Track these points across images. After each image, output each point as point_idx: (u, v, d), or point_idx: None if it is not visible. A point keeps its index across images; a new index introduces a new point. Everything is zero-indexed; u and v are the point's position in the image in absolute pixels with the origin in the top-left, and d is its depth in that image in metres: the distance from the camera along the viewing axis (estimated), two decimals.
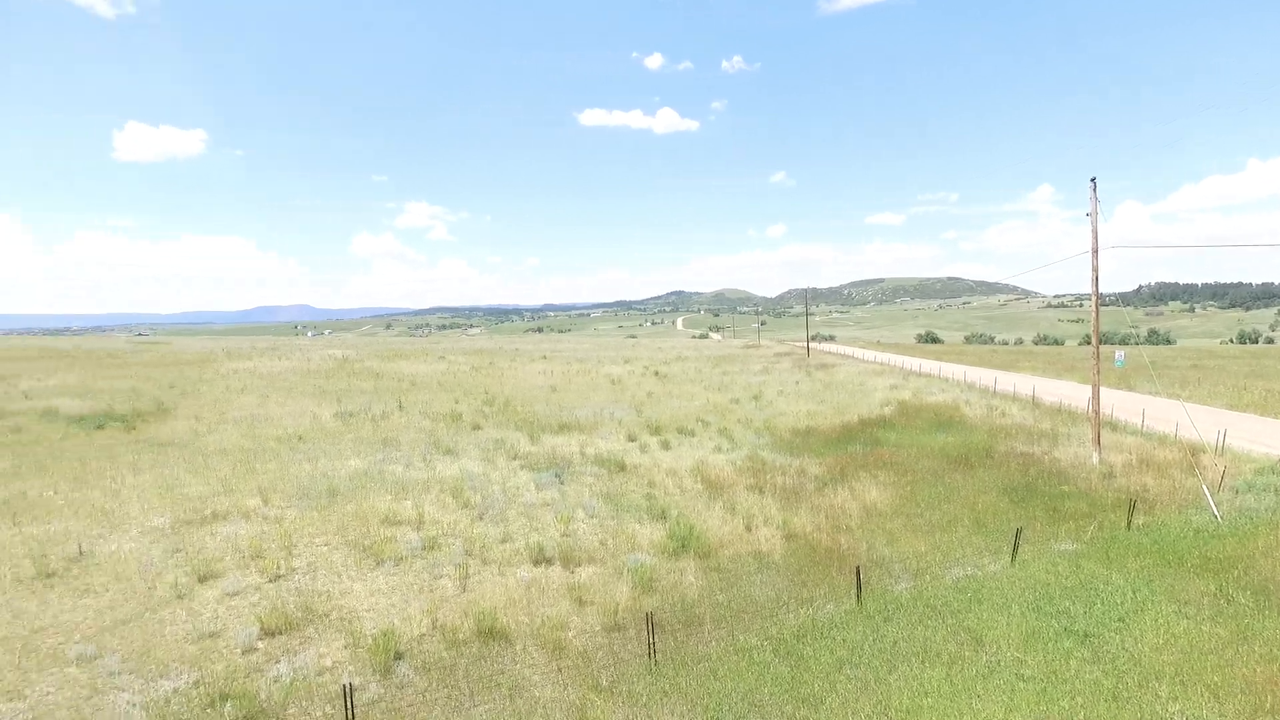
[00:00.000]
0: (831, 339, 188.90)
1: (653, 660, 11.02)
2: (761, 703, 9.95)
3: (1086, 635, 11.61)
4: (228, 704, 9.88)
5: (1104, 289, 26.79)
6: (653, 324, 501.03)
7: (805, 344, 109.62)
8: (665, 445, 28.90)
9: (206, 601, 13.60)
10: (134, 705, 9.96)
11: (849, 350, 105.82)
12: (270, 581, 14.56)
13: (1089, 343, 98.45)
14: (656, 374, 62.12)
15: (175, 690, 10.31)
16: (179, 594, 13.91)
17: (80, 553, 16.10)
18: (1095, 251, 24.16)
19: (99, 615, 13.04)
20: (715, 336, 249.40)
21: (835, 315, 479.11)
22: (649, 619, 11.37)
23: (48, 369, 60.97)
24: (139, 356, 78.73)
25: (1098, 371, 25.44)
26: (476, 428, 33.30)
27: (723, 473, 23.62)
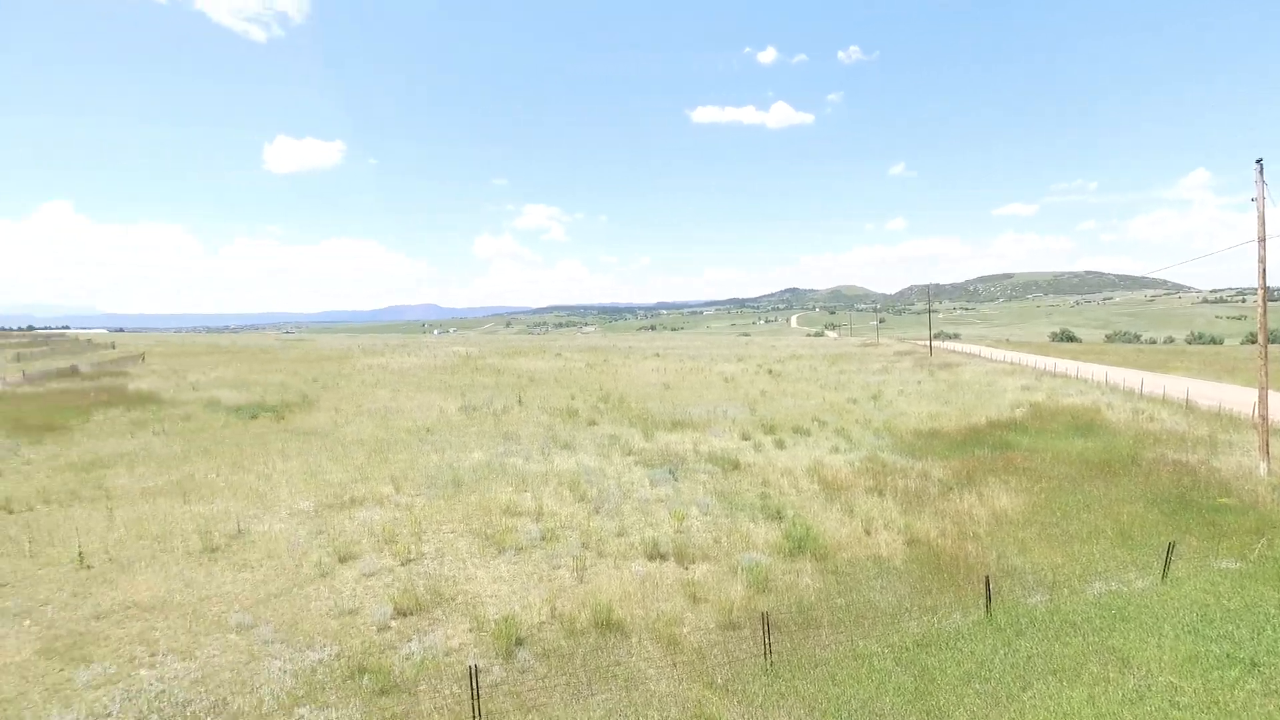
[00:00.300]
0: (955, 337, 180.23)
1: (768, 661, 10.91)
2: (882, 712, 9.64)
3: (1254, 664, 10.53)
4: (365, 677, 10.56)
5: (1272, 282, 24.22)
6: (766, 322, 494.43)
7: (927, 342, 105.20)
8: (780, 444, 28.49)
9: (346, 580, 14.58)
10: (285, 672, 10.82)
11: (975, 349, 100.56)
12: (402, 565, 15.43)
13: (1253, 341, 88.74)
14: (770, 372, 61.30)
15: (320, 661, 11.12)
16: (322, 572, 14.99)
17: (238, 531, 17.65)
18: (1262, 240, 21.86)
19: (255, 588, 14.25)
20: (831, 335, 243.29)
21: (960, 312, 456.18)
22: (765, 619, 11.25)
23: (211, 364, 67.11)
24: (287, 353, 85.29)
25: (1265, 373, 22.98)
26: (592, 423, 33.98)
27: (840, 473, 23.03)
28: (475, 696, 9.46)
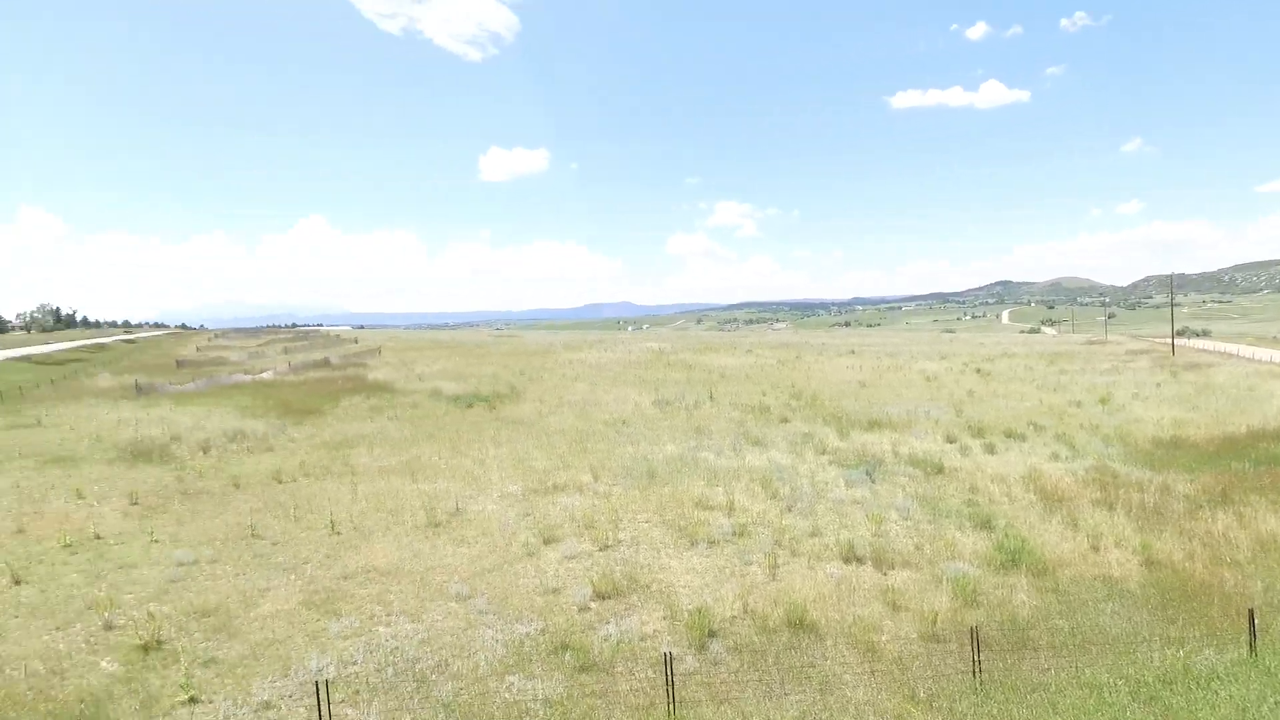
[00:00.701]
0: (1204, 334, 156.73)
1: (977, 679, 10.19)
2: None
3: None
4: (567, 654, 11.20)
5: None
6: (973, 317, 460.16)
7: (1169, 339, 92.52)
8: (989, 449, 26.42)
9: (550, 561, 15.53)
10: (497, 641, 11.74)
11: (1231, 347, 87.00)
12: (600, 550, 16.16)
13: None
14: (978, 371, 56.99)
15: (527, 634, 11.95)
16: (529, 552, 16.08)
17: (457, 509, 19.38)
18: None
19: (471, 562, 15.58)
20: (1049, 331, 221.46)
21: (1211, 305, 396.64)
22: (974, 634, 10.52)
23: (434, 357, 74.14)
24: (497, 348, 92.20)
25: None
26: (784, 420, 33.52)
27: (1061, 483, 20.94)
28: (670, 684, 9.70)
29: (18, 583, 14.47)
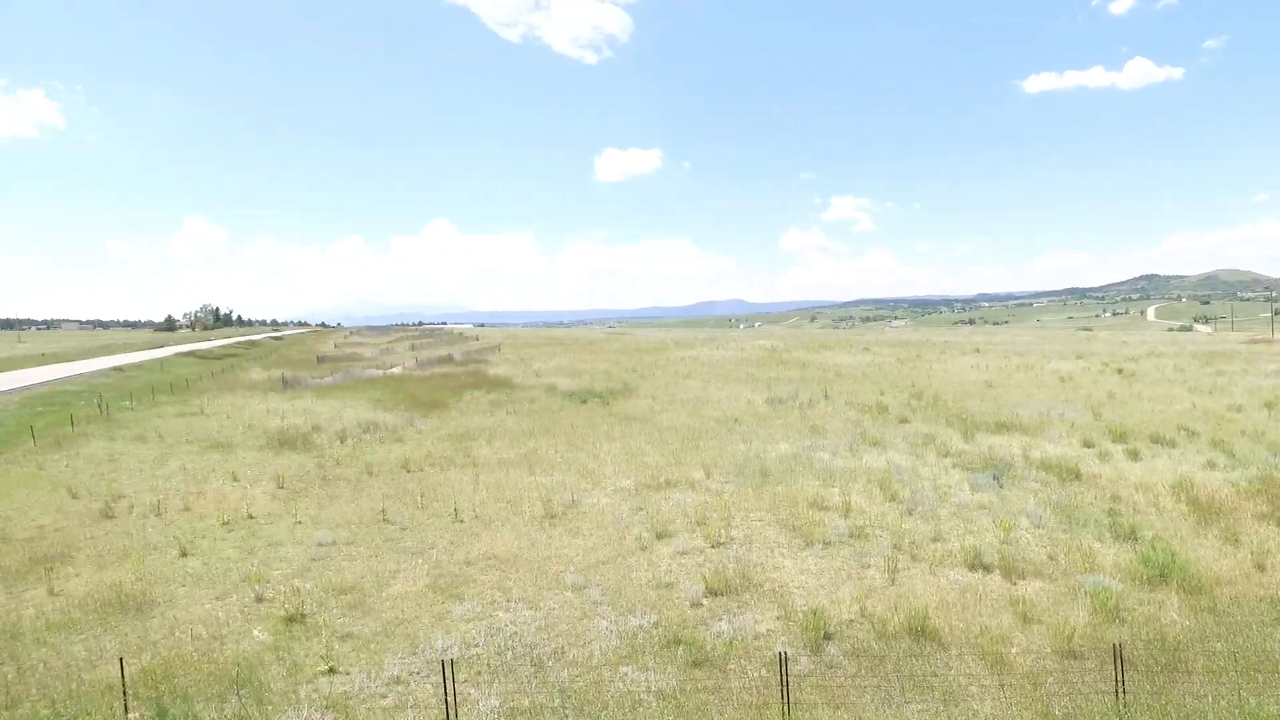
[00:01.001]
0: None
1: (1120, 701, 9.47)
2: None
3: None
4: (680, 648, 11.25)
5: None
6: (1113, 314, 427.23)
7: None
8: (1133, 455, 24.44)
9: (662, 556, 15.64)
10: (611, 632, 11.95)
11: None
12: (712, 547, 16.12)
13: None
14: (1120, 371, 52.81)
15: (640, 627, 12.08)
16: (642, 546, 16.26)
17: (573, 502, 19.85)
18: None
19: (586, 554, 15.92)
20: (1202, 329, 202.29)
21: None
22: (1117, 651, 9.78)
23: (549, 354, 76.25)
24: (610, 345, 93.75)
25: None
26: (903, 421, 32.29)
27: (1218, 494, 19.09)
28: (784, 684, 9.57)
29: (184, 555, 16.01)
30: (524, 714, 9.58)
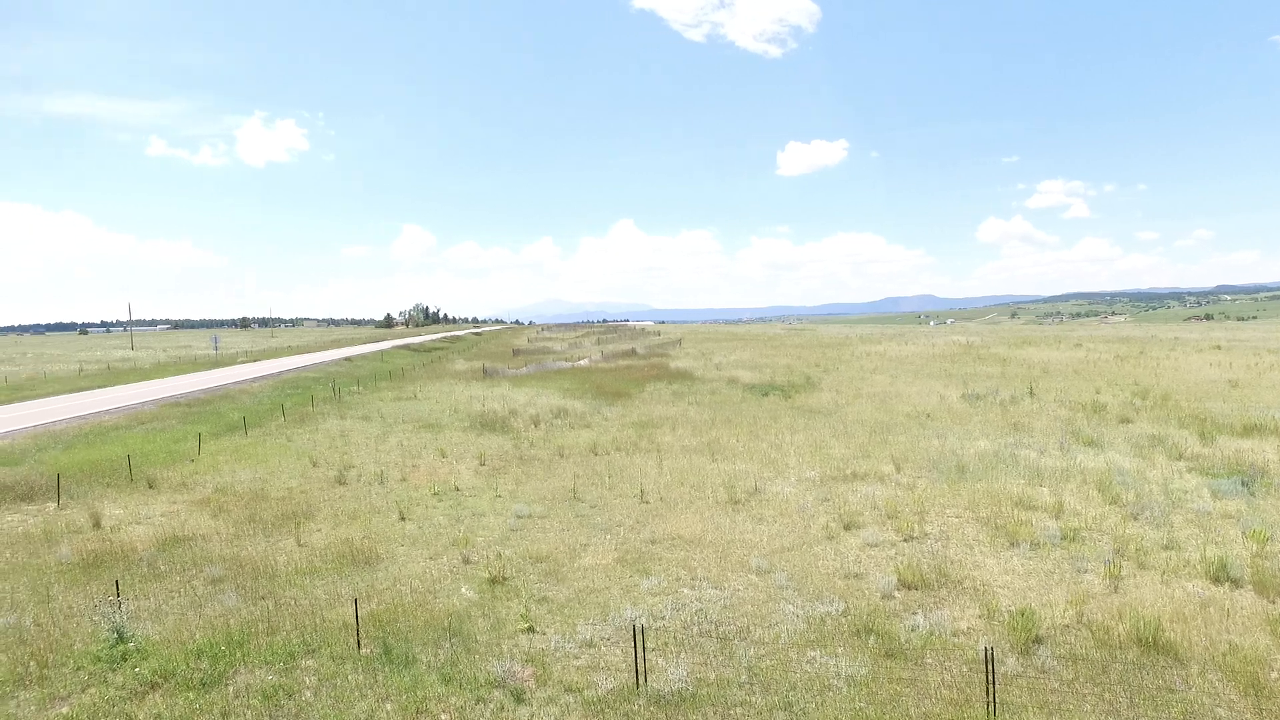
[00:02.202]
0: None
1: None
2: None
3: None
4: (871, 637, 10.81)
5: None
6: None
7: None
8: None
9: (850, 547, 15.12)
10: (797, 616, 11.73)
11: None
12: (904, 540, 15.35)
13: None
14: None
15: (828, 614, 11.76)
16: (828, 535, 15.82)
17: (756, 489, 19.71)
18: None
19: (770, 540, 15.75)
20: None
21: None
22: None
23: (729, 348, 76.32)
24: (791, 340, 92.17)
25: None
26: (1125, 421, 28.93)
27: None
28: (990, 682, 8.91)
29: (403, 519, 17.73)
30: (710, 686, 9.65)
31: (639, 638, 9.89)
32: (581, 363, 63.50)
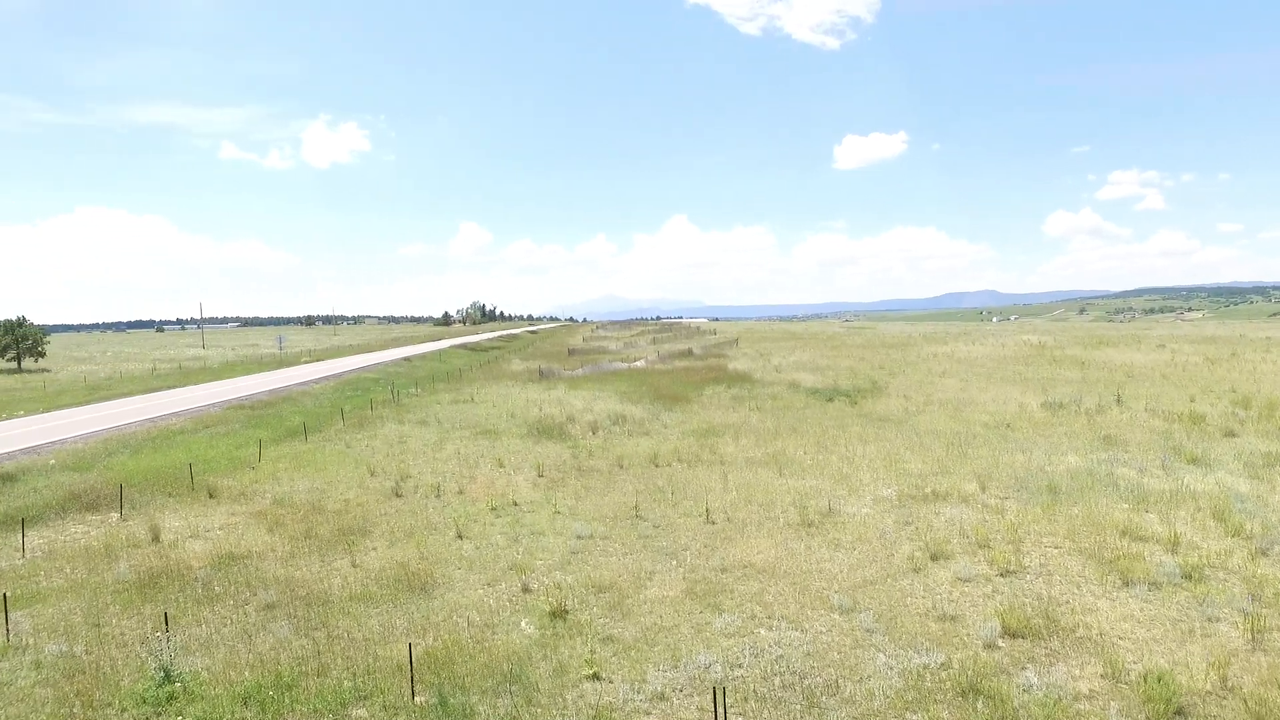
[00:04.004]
0: None
1: None
2: None
3: None
4: (979, 700, 9.58)
5: None
6: None
7: None
8: None
9: (940, 581, 13.81)
10: (891, 669, 10.54)
11: None
12: (1000, 575, 13.97)
13: None
14: None
15: (925, 666, 10.54)
16: (914, 567, 14.52)
17: (829, 510, 18.47)
18: None
19: (850, 571, 14.53)
20: None
21: None
22: None
23: (788, 349, 74.50)
24: (851, 340, 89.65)
25: None
26: (1229, 434, 26.63)
27: None
28: None
29: (460, 537, 17.08)
30: None
31: (719, 698, 8.88)
32: (638, 364, 62.66)
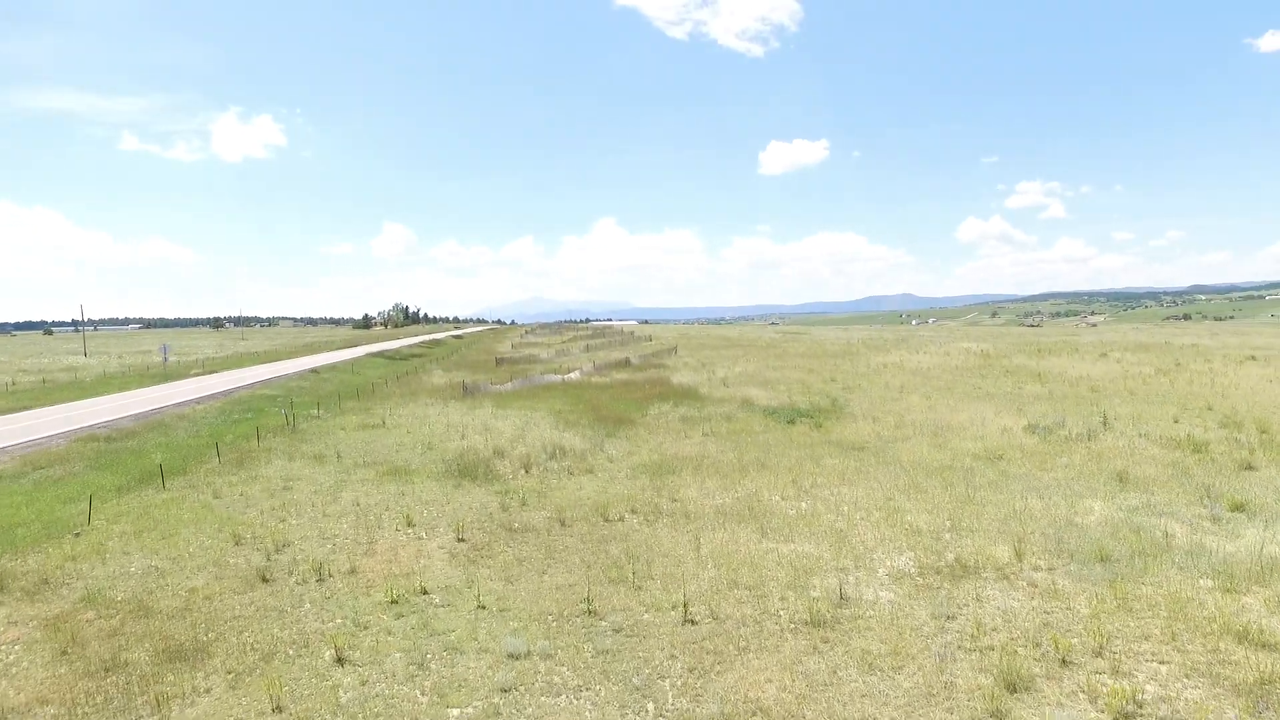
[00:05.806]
0: None
1: None
2: None
3: None
4: None
5: None
6: None
7: None
8: None
9: None
10: None
11: None
12: None
13: None
14: None
15: None
16: (992, 710, 10.25)
17: (840, 596, 14.13)
18: None
19: (900, 714, 10.19)
20: None
21: None
22: None
23: (730, 358, 70.74)
24: (791, 347, 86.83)
25: None
26: (1247, 467, 23.77)
27: None
28: None
29: (340, 661, 12.00)
30: None
31: None
32: (572, 375, 57.75)
